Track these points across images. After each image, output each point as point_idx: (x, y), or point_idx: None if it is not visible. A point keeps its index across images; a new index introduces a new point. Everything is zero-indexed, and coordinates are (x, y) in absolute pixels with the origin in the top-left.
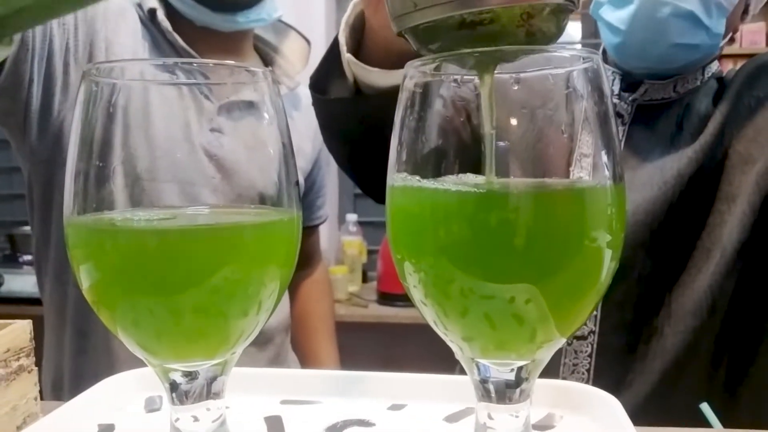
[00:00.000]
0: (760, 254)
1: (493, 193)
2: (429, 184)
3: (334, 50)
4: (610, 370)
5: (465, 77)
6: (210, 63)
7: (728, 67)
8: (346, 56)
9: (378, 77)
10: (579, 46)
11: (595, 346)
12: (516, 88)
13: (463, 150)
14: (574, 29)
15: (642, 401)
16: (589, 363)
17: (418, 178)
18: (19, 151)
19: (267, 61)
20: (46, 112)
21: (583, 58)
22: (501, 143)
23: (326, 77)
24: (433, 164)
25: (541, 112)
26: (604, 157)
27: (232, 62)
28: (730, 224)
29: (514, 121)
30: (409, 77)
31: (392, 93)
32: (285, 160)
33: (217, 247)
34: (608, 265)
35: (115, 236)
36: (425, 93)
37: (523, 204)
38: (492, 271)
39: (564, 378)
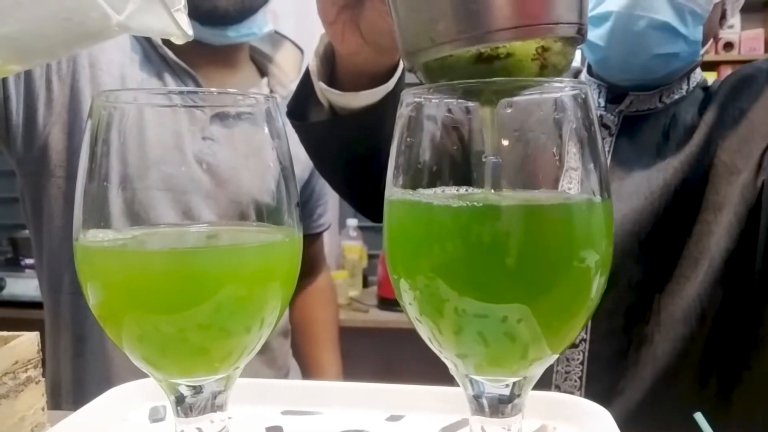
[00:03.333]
0: (747, 264)
1: (487, 206)
2: (424, 197)
3: (307, 78)
4: (602, 377)
5: (459, 101)
6: (214, 92)
7: (727, 74)
8: (318, 84)
9: (350, 99)
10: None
11: (586, 353)
12: (510, 111)
13: (458, 170)
14: None
15: (634, 408)
16: (581, 370)
17: (411, 192)
18: (11, 159)
19: (263, 71)
20: (30, 126)
21: (573, 87)
22: (495, 160)
23: (303, 104)
24: (428, 184)
25: (534, 135)
26: (594, 176)
27: (235, 90)
28: (717, 234)
29: (506, 142)
30: (405, 104)
31: (366, 112)
32: (286, 181)
33: (220, 268)
34: (599, 281)
35: (122, 257)
36: (420, 117)
37: (516, 218)
38: (485, 289)
39: (557, 385)
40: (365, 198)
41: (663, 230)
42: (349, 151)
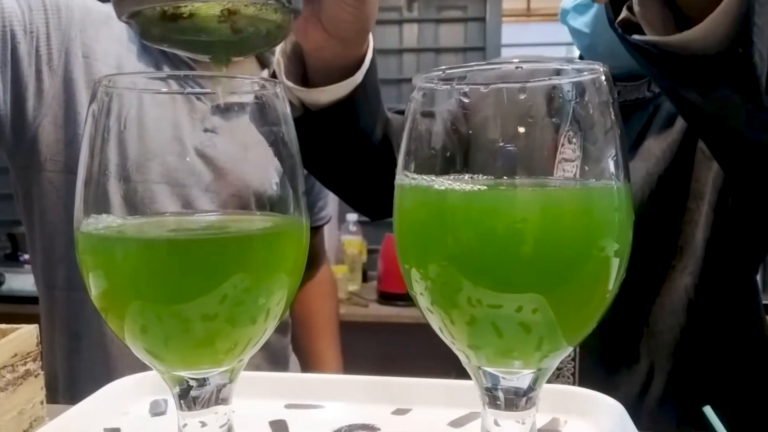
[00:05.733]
0: (726, 252)
1: (503, 191)
2: (437, 182)
3: (275, 78)
4: (596, 372)
5: (471, 87)
6: (220, 76)
7: None
8: (284, 82)
9: (317, 95)
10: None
11: (578, 349)
12: (524, 96)
13: (471, 157)
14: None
15: (632, 402)
16: (573, 366)
17: (423, 177)
18: (2, 152)
19: (263, 63)
20: (20, 118)
21: (591, 70)
22: (510, 149)
23: None
24: (440, 171)
25: (548, 121)
26: (612, 160)
27: (242, 75)
28: (700, 223)
29: (522, 129)
30: (417, 89)
31: (337, 106)
32: (293, 169)
33: (226, 257)
34: (618, 270)
35: (125, 245)
36: (431, 103)
37: (534, 203)
38: (500, 278)
39: (549, 382)
40: (355, 193)
41: (649, 221)
42: (327, 147)
